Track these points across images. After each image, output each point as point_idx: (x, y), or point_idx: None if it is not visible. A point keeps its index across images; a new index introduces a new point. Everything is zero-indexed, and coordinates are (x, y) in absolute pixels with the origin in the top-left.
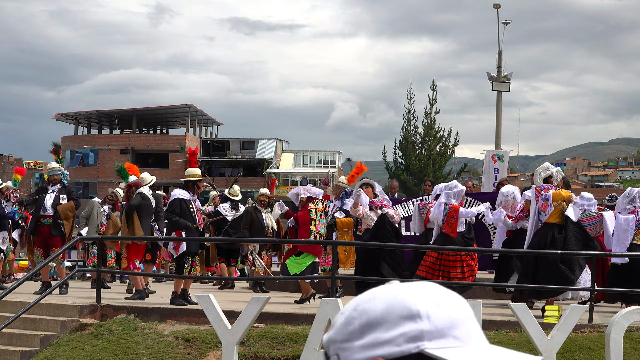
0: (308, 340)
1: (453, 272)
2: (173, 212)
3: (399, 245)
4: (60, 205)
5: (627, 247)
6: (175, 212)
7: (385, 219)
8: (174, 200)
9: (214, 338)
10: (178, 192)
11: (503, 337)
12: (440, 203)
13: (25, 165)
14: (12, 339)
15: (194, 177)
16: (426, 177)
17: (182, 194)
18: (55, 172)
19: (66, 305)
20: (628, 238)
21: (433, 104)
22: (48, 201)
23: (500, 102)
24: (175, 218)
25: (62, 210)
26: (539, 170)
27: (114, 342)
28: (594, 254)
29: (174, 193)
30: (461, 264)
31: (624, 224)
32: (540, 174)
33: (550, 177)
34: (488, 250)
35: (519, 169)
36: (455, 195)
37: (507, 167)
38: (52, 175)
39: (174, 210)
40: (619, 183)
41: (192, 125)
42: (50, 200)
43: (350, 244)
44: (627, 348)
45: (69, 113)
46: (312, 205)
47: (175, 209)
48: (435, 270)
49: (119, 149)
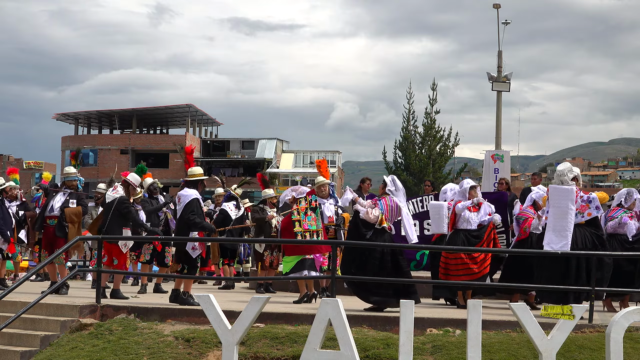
0: (308, 340)
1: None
2: (193, 213)
3: (399, 245)
4: (68, 208)
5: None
6: (196, 214)
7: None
8: (194, 200)
9: (214, 338)
10: (192, 192)
11: (503, 337)
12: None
13: (25, 166)
14: (12, 339)
15: (200, 176)
16: (426, 177)
17: (197, 194)
18: (72, 178)
19: (66, 305)
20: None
21: (433, 104)
22: (57, 203)
23: (500, 102)
24: (199, 220)
25: (69, 214)
26: (565, 171)
27: (114, 342)
28: (593, 254)
29: (188, 194)
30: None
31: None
32: (567, 174)
33: (575, 177)
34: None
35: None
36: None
37: (509, 167)
38: (69, 181)
39: (193, 211)
40: (619, 183)
41: (192, 125)
42: (59, 203)
43: (351, 244)
44: (627, 348)
45: (69, 113)
46: (295, 206)
47: (196, 209)
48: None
49: (119, 149)
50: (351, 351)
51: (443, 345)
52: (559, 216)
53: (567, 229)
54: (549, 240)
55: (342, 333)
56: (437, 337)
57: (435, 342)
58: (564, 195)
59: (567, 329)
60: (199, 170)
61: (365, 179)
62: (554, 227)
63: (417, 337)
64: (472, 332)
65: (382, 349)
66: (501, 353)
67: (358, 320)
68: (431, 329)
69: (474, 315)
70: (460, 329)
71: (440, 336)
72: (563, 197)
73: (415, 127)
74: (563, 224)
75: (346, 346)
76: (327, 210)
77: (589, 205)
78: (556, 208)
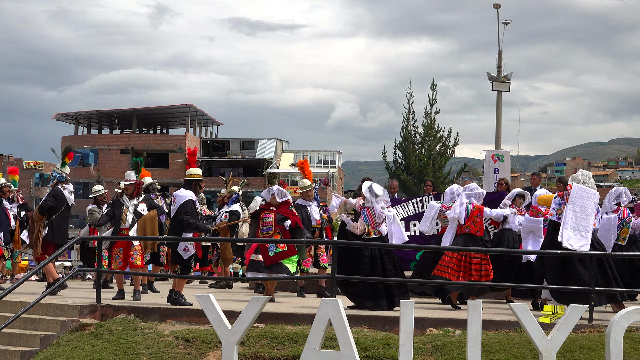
0: (308, 340)
1: (474, 273)
2: (187, 214)
3: (400, 245)
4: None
5: (610, 247)
6: (189, 214)
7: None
8: (188, 201)
9: (214, 338)
10: (187, 193)
11: (503, 337)
12: (462, 203)
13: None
14: (12, 339)
15: (196, 177)
16: (426, 177)
17: (192, 195)
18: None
19: (66, 305)
20: (610, 238)
21: (433, 104)
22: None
23: (500, 102)
24: (192, 220)
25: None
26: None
27: (114, 342)
28: (593, 254)
29: (183, 195)
30: (479, 266)
31: (607, 223)
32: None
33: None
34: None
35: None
36: (477, 196)
37: (509, 167)
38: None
39: (187, 212)
40: (619, 183)
41: (192, 125)
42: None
43: (352, 244)
44: (627, 348)
45: (69, 113)
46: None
47: (190, 210)
48: (457, 271)
49: (119, 149)
50: (351, 351)
51: (443, 345)
52: (583, 216)
53: (588, 230)
54: (569, 238)
55: (342, 333)
56: (437, 337)
57: (435, 342)
58: (591, 197)
59: (567, 329)
60: (196, 171)
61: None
62: (576, 225)
63: (417, 337)
64: (472, 332)
65: (382, 349)
66: (501, 353)
67: (358, 320)
68: (431, 329)
69: (474, 315)
70: (460, 329)
71: (440, 336)
72: (590, 199)
73: (415, 127)
74: (585, 224)
75: (346, 346)
76: (314, 212)
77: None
78: (581, 208)
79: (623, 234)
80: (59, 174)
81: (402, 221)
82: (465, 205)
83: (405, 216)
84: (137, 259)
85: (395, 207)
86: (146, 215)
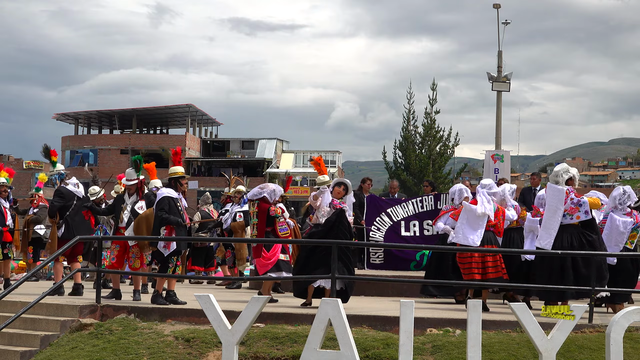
0: (308, 340)
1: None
2: (162, 210)
3: (400, 245)
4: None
5: (620, 249)
6: (164, 210)
7: (343, 214)
8: (163, 198)
9: (214, 338)
10: (165, 190)
11: (503, 337)
12: (489, 200)
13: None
14: (12, 339)
15: (176, 174)
16: (426, 177)
17: (170, 192)
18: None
19: (66, 305)
20: (623, 241)
21: (433, 104)
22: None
23: (500, 102)
24: (165, 215)
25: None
26: (561, 172)
27: (114, 342)
28: (592, 254)
29: (160, 192)
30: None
31: (622, 226)
32: (562, 175)
33: (571, 179)
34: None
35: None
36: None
37: (509, 167)
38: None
39: (163, 208)
40: (619, 183)
41: (192, 125)
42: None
43: (352, 244)
44: (627, 348)
45: (69, 113)
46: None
47: (165, 206)
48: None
49: (119, 149)
50: (351, 351)
51: (443, 345)
52: (549, 215)
53: (552, 228)
54: (539, 237)
55: (342, 333)
56: (437, 337)
57: (435, 342)
58: (555, 194)
59: (567, 329)
60: (178, 169)
61: (365, 179)
62: (544, 225)
63: (417, 337)
64: (472, 332)
65: (382, 349)
66: (501, 353)
67: (358, 320)
68: (431, 329)
69: (474, 315)
70: (460, 329)
71: (440, 336)
72: (554, 197)
73: (415, 127)
74: (550, 222)
75: (346, 346)
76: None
77: (578, 209)
78: (549, 206)
79: (631, 238)
80: (57, 174)
81: (402, 221)
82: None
83: (405, 216)
84: (135, 262)
85: (396, 207)
86: (142, 214)
